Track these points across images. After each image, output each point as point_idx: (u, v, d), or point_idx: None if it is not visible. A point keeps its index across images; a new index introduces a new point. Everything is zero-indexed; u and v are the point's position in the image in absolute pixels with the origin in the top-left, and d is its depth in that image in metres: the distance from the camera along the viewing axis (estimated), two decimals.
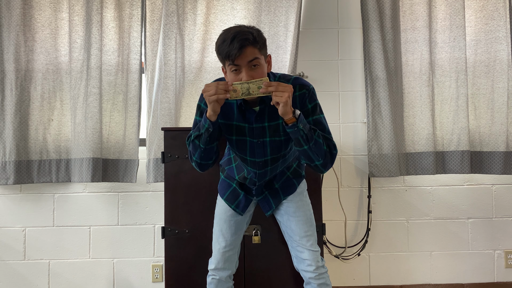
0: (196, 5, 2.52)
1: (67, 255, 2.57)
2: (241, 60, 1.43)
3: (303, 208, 1.75)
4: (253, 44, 1.43)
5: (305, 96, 1.55)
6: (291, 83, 1.55)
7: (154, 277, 2.58)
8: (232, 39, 1.41)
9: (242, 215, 1.77)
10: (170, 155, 2.06)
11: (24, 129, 2.47)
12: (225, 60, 1.46)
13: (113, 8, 2.51)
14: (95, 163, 2.42)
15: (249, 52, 1.43)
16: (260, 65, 1.46)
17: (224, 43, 1.43)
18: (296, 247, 1.71)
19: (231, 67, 1.45)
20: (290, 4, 2.51)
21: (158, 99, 2.47)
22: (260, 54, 1.47)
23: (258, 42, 1.45)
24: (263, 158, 1.64)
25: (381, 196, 2.63)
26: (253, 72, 1.45)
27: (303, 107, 1.56)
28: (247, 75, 1.44)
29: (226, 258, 1.75)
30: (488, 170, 2.52)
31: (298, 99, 1.55)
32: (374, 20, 2.52)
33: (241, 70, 1.45)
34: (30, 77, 2.49)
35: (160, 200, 2.56)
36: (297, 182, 1.78)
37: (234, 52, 1.40)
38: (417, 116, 2.55)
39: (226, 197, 1.79)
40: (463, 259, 2.62)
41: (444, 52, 2.55)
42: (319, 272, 1.67)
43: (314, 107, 1.57)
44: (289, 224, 1.73)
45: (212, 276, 1.77)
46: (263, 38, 1.49)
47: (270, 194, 1.76)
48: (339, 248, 2.59)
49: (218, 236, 1.77)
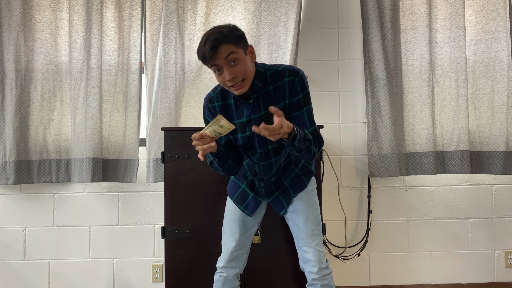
0: (196, 5, 2.52)
1: (67, 255, 2.57)
2: (217, 60, 1.45)
3: (312, 207, 1.76)
4: (225, 41, 1.44)
5: (295, 83, 1.55)
6: (280, 69, 1.57)
7: (154, 277, 2.58)
8: (204, 43, 1.45)
9: (251, 216, 1.78)
10: (170, 155, 2.06)
11: (24, 129, 2.47)
12: (205, 63, 1.48)
13: (113, 8, 2.51)
14: (95, 163, 2.42)
15: (223, 50, 1.44)
16: (239, 59, 1.47)
17: (199, 47, 1.47)
18: (302, 246, 1.71)
19: (213, 68, 1.48)
20: (290, 4, 2.51)
21: (158, 99, 2.47)
22: (237, 48, 1.47)
23: (230, 38, 1.45)
24: (265, 148, 1.65)
25: (381, 196, 2.63)
26: (234, 68, 1.47)
27: (295, 95, 1.56)
28: (228, 72, 1.46)
29: (235, 257, 1.76)
30: (488, 170, 2.52)
31: (287, 85, 1.55)
32: (374, 20, 2.52)
33: (222, 69, 1.47)
34: (30, 77, 2.49)
35: (160, 200, 2.56)
36: (306, 179, 1.78)
37: (208, 53, 1.43)
38: (417, 116, 2.55)
39: (235, 198, 1.80)
40: (463, 259, 2.62)
41: (444, 52, 2.55)
42: (323, 273, 1.67)
43: (306, 96, 1.57)
44: (297, 222, 1.73)
45: (220, 274, 1.78)
46: (236, 32, 1.49)
47: (281, 193, 1.77)
48: (339, 248, 2.59)
49: (228, 236, 1.78)
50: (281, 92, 1.57)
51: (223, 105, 1.64)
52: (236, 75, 1.47)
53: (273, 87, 1.57)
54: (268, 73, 1.58)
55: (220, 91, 1.65)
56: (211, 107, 1.66)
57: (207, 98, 1.68)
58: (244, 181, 1.79)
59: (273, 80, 1.57)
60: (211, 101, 1.66)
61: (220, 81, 1.52)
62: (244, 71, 1.48)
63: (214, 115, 1.64)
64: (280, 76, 1.57)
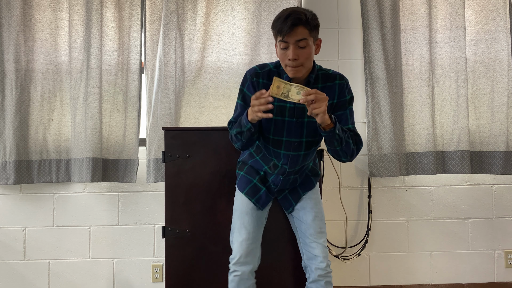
0: (196, 5, 2.52)
1: (67, 255, 2.57)
2: (290, 38, 1.51)
3: (319, 205, 1.82)
4: (305, 25, 1.51)
5: (344, 86, 1.68)
6: (330, 73, 1.68)
7: (154, 277, 2.57)
8: (286, 17, 1.50)
9: (262, 210, 1.79)
10: (171, 155, 2.06)
11: (24, 129, 2.47)
12: (277, 36, 1.55)
13: (113, 8, 2.51)
14: (95, 163, 2.42)
15: (300, 31, 1.51)
16: (308, 46, 1.54)
17: (279, 20, 1.53)
18: (310, 243, 1.73)
19: (281, 43, 1.54)
20: (290, 4, 2.50)
21: (158, 99, 2.47)
22: (310, 35, 1.54)
23: (310, 23, 1.53)
24: (299, 139, 1.67)
25: (381, 196, 2.63)
26: (300, 51, 1.53)
27: (342, 96, 1.67)
28: (293, 53, 1.52)
29: (249, 251, 1.73)
30: (488, 170, 2.52)
31: (337, 87, 1.67)
32: (374, 20, 2.52)
33: (289, 48, 1.52)
34: (30, 77, 2.49)
35: (160, 200, 2.56)
36: (314, 180, 1.85)
37: (286, 29, 1.49)
38: (417, 116, 2.55)
39: (246, 192, 1.80)
40: (463, 259, 2.62)
41: (444, 52, 2.55)
42: (328, 270, 1.71)
43: (351, 99, 1.71)
44: (306, 219, 1.76)
45: (234, 273, 1.72)
46: (316, 21, 1.56)
47: (290, 192, 1.82)
48: (339, 248, 2.59)
49: (240, 229, 1.76)
50: (331, 93, 1.65)
51: (267, 84, 1.62)
52: (299, 57, 1.53)
53: (321, 86, 1.65)
54: (320, 72, 1.67)
55: (267, 72, 1.67)
56: (255, 81, 1.66)
57: (253, 71, 1.67)
58: (257, 176, 1.81)
59: (324, 80, 1.66)
60: (257, 76, 1.66)
61: (280, 57, 1.57)
62: (306, 57, 1.55)
63: (256, 90, 1.64)
64: (331, 79, 1.67)
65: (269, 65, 1.68)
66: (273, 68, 1.67)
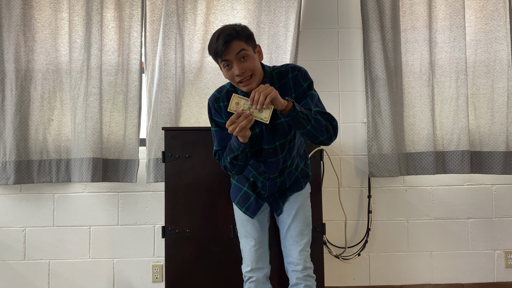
0: (196, 5, 2.52)
1: (67, 255, 2.57)
2: (228, 54, 1.51)
3: (304, 209, 1.80)
4: (237, 38, 1.51)
5: (298, 76, 1.63)
6: (283, 69, 1.65)
7: (154, 277, 2.57)
8: (217, 38, 1.51)
9: (253, 218, 1.79)
10: (171, 155, 2.06)
11: (24, 129, 2.47)
12: (217, 58, 1.55)
13: (113, 8, 2.51)
14: (95, 163, 2.42)
15: (235, 45, 1.51)
16: (249, 56, 1.54)
17: (212, 43, 1.54)
18: (288, 245, 1.74)
19: (223, 63, 1.54)
20: (290, 4, 2.51)
21: (158, 99, 2.47)
22: (247, 45, 1.54)
23: (242, 35, 1.53)
24: (273, 144, 1.67)
25: (381, 196, 2.63)
26: (244, 64, 1.53)
27: (299, 87, 1.63)
28: (238, 67, 1.52)
29: (259, 256, 1.75)
30: (488, 170, 2.52)
31: (291, 81, 1.63)
32: (374, 20, 2.52)
33: (232, 65, 1.53)
34: (30, 77, 2.49)
35: (160, 200, 2.56)
36: (303, 182, 1.83)
37: (220, 47, 1.50)
38: (417, 116, 2.55)
39: (237, 201, 1.82)
40: (463, 259, 2.62)
41: (444, 52, 2.55)
42: (307, 273, 1.70)
43: (310, 85, 1.65)
44: (287, 221, 1.76)
45: (250, 280, 1.74)
46: (247, 31, 1.57)
47: (279, 195, 1.81)
48: (339, 248, 2.59)
49: (245, 237, 1.79)
50: (287, 88, 1.63)
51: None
52: (245, 70, 1.53)
53: (279, 85, 1.64)
54: (274, 73, 1.65)
55: (226, 93, 1.68)
56: (217, 107, 1.68)
57: (212, 98, 1.70)
58: (246, 183, 1.81)
59: (279, 79, 1.65)
60: (217, 101, 1.68)
61: (228, 77, 1.57)
62: (252, 67, 1.54)
63: (221, 114, 1.67)
64: (284, 75, 1.65)
65: (226, 86, 1.69)
66: (230, 88, 1.68)
